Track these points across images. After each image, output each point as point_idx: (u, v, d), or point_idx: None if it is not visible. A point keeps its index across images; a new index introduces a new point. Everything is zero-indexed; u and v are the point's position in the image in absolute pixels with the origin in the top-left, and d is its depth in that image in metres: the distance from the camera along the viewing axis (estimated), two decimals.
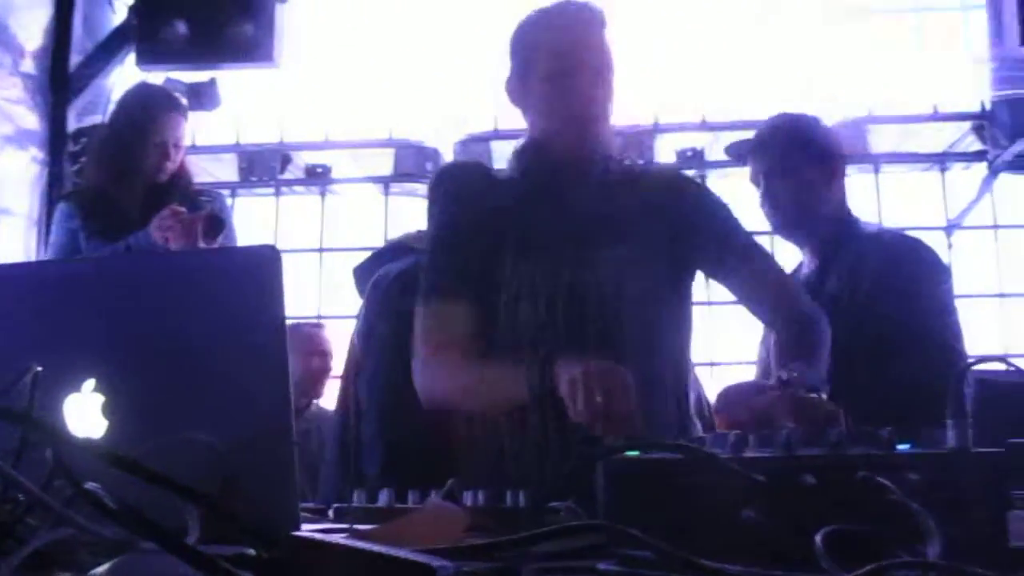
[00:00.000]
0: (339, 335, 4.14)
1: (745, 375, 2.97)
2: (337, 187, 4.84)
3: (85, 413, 0.97)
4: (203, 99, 4.22)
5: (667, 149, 4.47)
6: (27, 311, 1.05)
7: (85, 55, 4.54)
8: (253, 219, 4.77)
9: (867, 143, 4.40)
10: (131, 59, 4.37)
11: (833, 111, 4.14)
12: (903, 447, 0.94)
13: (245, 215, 4.64)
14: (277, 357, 0.96)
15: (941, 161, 4.58)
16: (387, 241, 3.26)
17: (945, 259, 2.81)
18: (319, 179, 4.76)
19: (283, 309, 0.98)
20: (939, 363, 2.22)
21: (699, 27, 4.59)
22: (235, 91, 4.46)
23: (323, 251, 4.80)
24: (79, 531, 0.81)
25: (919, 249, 2.53)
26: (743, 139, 2.75)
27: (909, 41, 4.57)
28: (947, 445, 0.95)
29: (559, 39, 1.99)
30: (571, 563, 0.90)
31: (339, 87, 4.78)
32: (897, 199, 4.58)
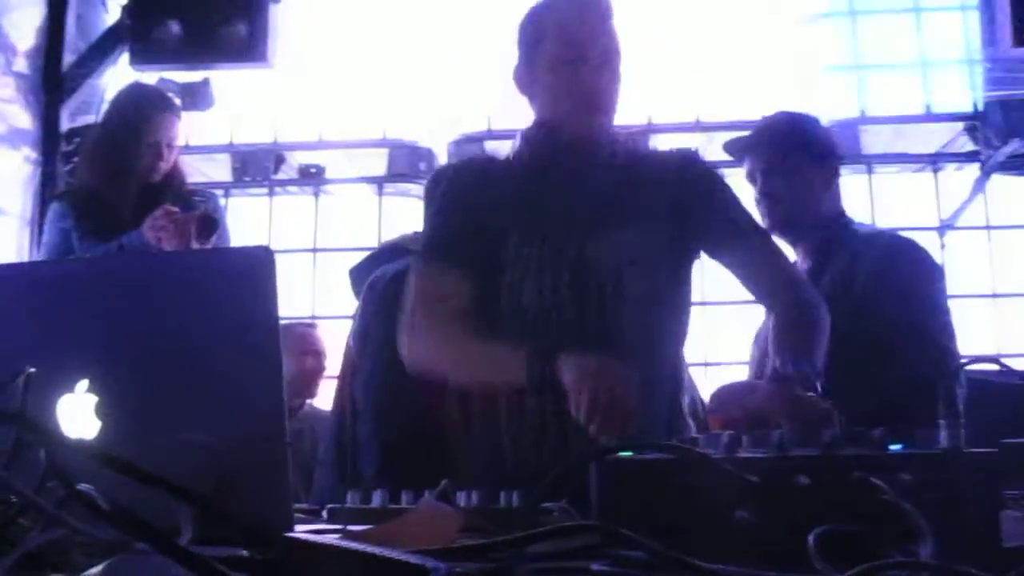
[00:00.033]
0: (333, 335, 4.14)
1: (739, 375, 2.98)
2: (331, 187, 4.84)
3: (78, 414, 0.97)
4: (197, 99, 4.21)
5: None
6: (20, 312, 1.04)
7: (78, 55, 4.54)
8: (247, 219, 4.77)
9: (860, 143, 4.41)
10: (124, 59, 4.36)
11: (826, 111, 4.15)
12: (896, 447, 0.94)
13: (239, 215, 4.64)
14: (271, 358, 0.96)
15: (934, 162, 4.59)
16: (383, 242, 3.25)
17: (938, 259, 2.82)
18: (313, 179, 4.75)
19: (277, 309, 0.98)
20: (933, 364, 2.23)
21: (693, 27, 4.60)
22: (229, 91, 4.45)
23: (317, 251, 4.80)
24: (72, 532, 0.81)
25: (913, 250, 2.54)
26: (741, 136, 2.75)
27: (904, 41, 4.57)
28: (940, 445, 0.95)
29: (566, 27, 1.99)
30: (565, 564, 0.90)
31: (333, 87, 4.78)
32: (890, 200, 4.59)
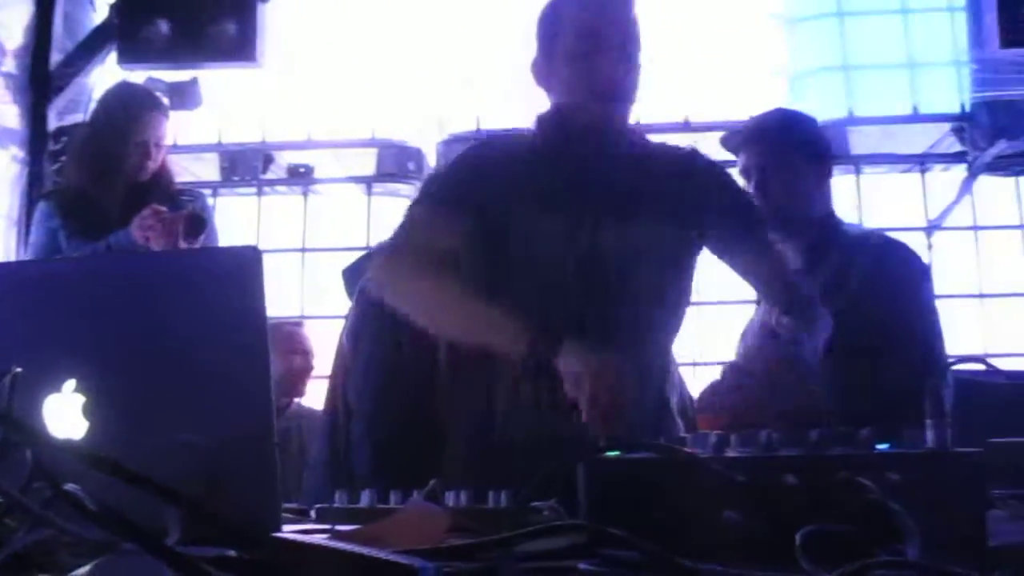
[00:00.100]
0: (321, 335, 4.13)
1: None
2: (319, 187, 4.83)
3: (65, 414, 0.97)
4: (185, 98, 4.20)
5: None
6: (7, 311, 1.04)
7: (66, 54, 4.52)
8: (235, 219, 4.76)
9: (848, 144, 4.43)
10: (112, 58, 4.34)
11: (814, 111, 4.16)
12: (883, 447, 0.94)
13: (227, 215, 4.62)
14: (259, 358, 0.96)
15: (921, 162, 4.61)
16: (376, 243, 3.25)
17: (925, 260, 2.83)
18: (301, 179, 4.74)
19: (265, 309, 0.98)
20: (921, 365, 2.24)
21: (681, 27, 4.60)
22: (217, 90, 4.44)
23: (305, 251, 4.79)
24: (59, 533, 0.81)
25: (903, 252, 2.55)
26: (737, 131, 2.75)
27: (892, 42, 4.59)
28: (927, 445, 0.95)
29: (584, 18, 1.97)
30: (553, 563, 0.90)
31: (321, 87, 4.77)
32: (878, 200, 4.61)
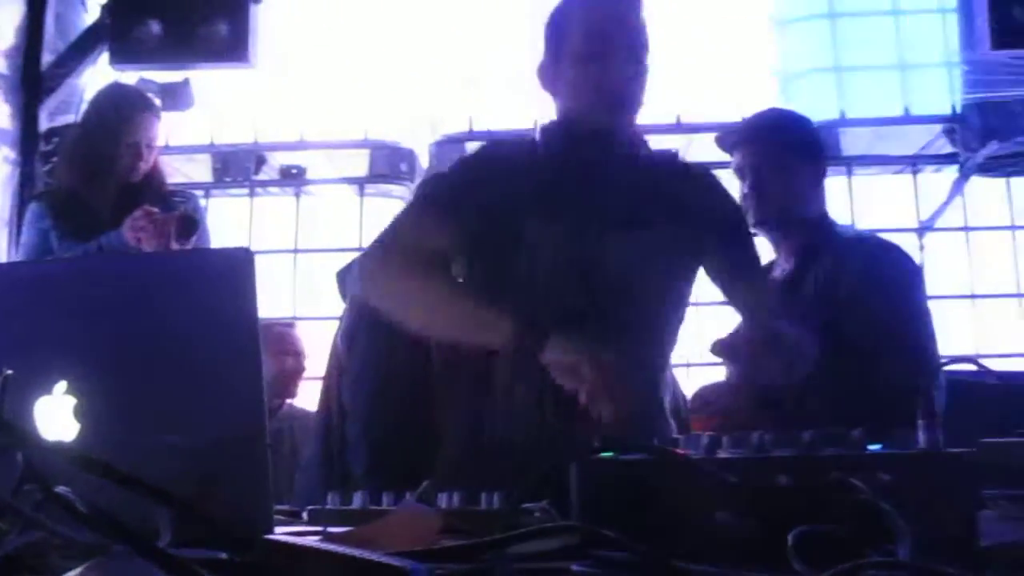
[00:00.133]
0: (313, 336, 4.12)
1: (721, 376, 2.98)
2: (312, 188, 4.82)
3: (56, 416, 0.96)
4: (176, 99, 4.19)
5: None
6: None
7: (57, 54, 4.51)
8: (227, 220, 4.74)
9: (839, 145, 4.43)
10: (104, 59, 4.33)
11: (806, 113, 4.16)
12: (875, 448, 0.95)
13: (219, 216, 4.61)
14: (251, 359, 0.96)
15: (913, 163, 4.62)
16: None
17: (917, 260, 2.83)
18: (294, 180, 4.73)
19: (256, 311, 0.98)
20: (915, 368, 2.24)
21: (673, 28, 4.60)
22: (209, 91, 4.43)
23: (297, 252, 4.78)
24: (50, 535, 0.81)
25: (897, 255, 2.55)
26: (733, 130, 2.75)
27: (884, 43, 4.59)
28: (918, 446, 0.95)
29: (591, 22, 1.96)
30: (545, 565, 0.90)
31: (314, 87, 4.76)
32: (869, 201, 4.61)
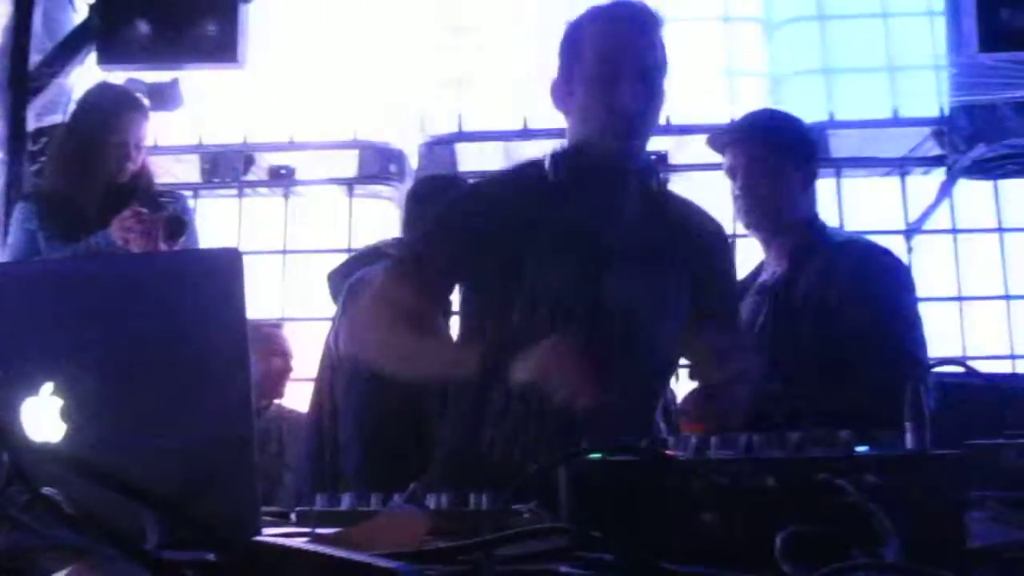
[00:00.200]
0: (302, 337, 4.12)
1: None
2: (301, 188, 4.81)
3: (43, 417, 0.96)
4: (165, 99, 4.18)
5: None
6: None
7: (45, 54, 4.49)
8: (216, 220, 4.73)
9: (828, 147, 4.45)
10: (92, 58, 4.32)
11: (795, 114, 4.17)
12: (862, 449, 0.95)
13: (208, 216, 4.60)
14: (238, 360, 0.95)
15: (901, 165, 4.64)
16: (362, 246, 3.25)
17: (904, 263, 2.84)
18: (283, 180, 4.73)
19: (245, 312, 0.97)
20: (905, 372, 2.24)
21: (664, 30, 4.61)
22: (198, 91, 4.42)
23: (286, 253, 4.78)
24: (36, 537, 0.80)
25: (888, 260, 2.54)
26: (725, 130, 2.74)
27: (872, 46, 4.61)
28: (906, 447, 0.96)
29: (604, 44, 1.92)
30: (534, 566, 0.90)
31: (303, 88, 4.75)
32: (857, 203, 4.63)
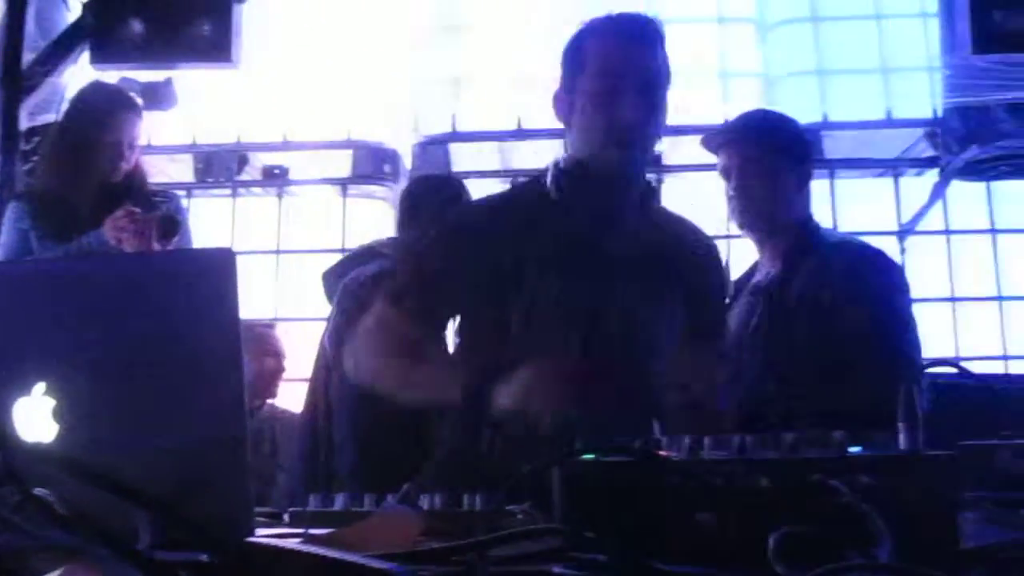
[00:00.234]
0: (295, 337, 4.12)
1: None
2: (295, 188, 4.81)
3: (35, 417, 0.96)
4: (159, 99, 4.17)
5: None
6: None
7: (38, 53, 4.48)
8: (209, 220, 4.73)
9: (822, 148, 4.45)
10: (85, 57, 4.31)
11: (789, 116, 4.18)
12: (855, 450, 0.95)
13: (201, 216, 4.60)
14: (232, 360, 0.95)
15: (894, 166, 4.65)
16: (357, 246, 3.25)
17: (898, 263, 2.84)
18: (276, 180, 4.73)
19: (238, 312, 0.97)
20: (899, 374, 2.24)
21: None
22: (192, 91, 4.41)
23: (280, 253, 4.77)
24: (27, 538, 0.80)
25: (883, 261, 2.54)
26: (720, 130, 2.74)
27: (866, 47, 4.62)
28: (899, 448, 0.96)
29: (607, 57, 1.91)
30: (527, 567, 0.90)
31: (297, 88, 4.75)
32: (851, 204, 4.64)
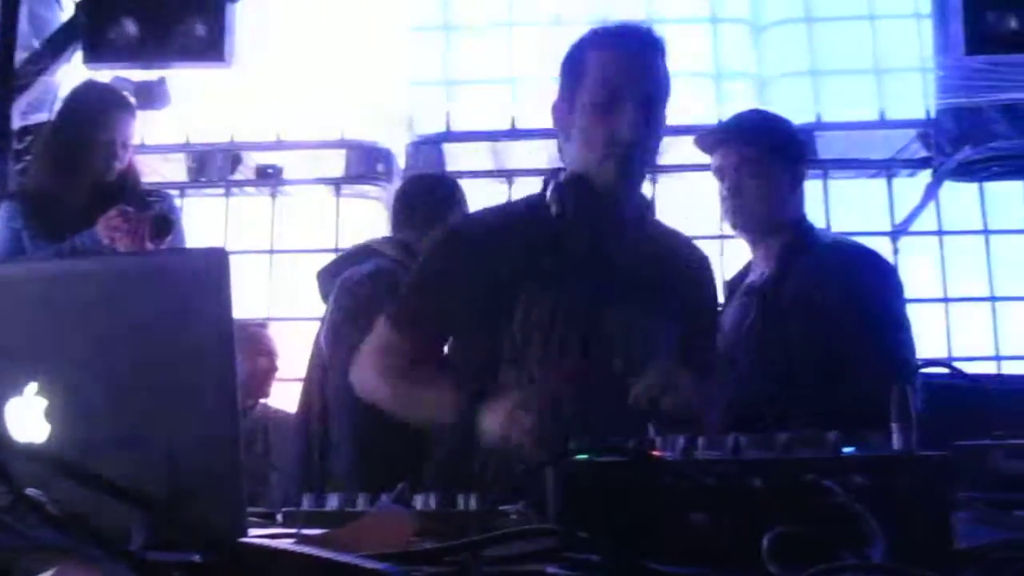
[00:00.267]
0: (288, 337, 4.12)
1: None
2: (288, 188, 4.81)
3: (27, 417, 0.95)
4: (152, 98, 4.17)
5: None
6: None
7: (31, 52, 4.47)
8: (202, 220, 4.72)
9: (815, 149, 4.46)
10: (78, 56, 4.30)
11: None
12: (849, 450, 0.95)
13: (194, 216, 4.59)
14: (224, 361, 0.95)
15: (887, 167, 4.66)
16: (352, 245, 3.25)
17: (892, 264, 2.84)
18: (270, 180, 4.72)
19: (231, 312, 0.97)
20: (892, 375, 2.24)
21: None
22: (185, 90, 4.41)
23: (273, 252, 4.77)
24: (19, 538, 0.80)
25: (877, 261, 2.54)
26: (714, 129, 2.74)
27: (860, 48, 4.63)
28: (892, 448, 0.96)
29: (606, 69, 1.90)
30: (521, 567, 0.90)
31: (291, 87, 4.75)
32: (844, 205, 4.65)
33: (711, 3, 4.70)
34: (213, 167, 4.66)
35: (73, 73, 4.41)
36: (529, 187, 4.48)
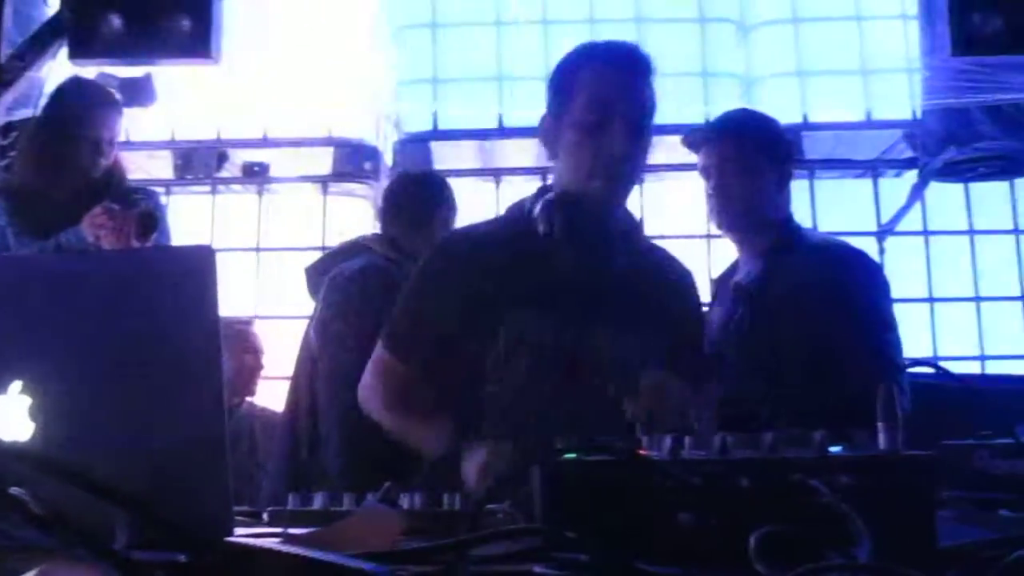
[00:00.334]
0: (274, 335, 4.11)
1: None
2: (275, 186, 4.79)
3: (11, 416, 0.95)
4: (138, 94, 4.15)
5: None
6: None
7: (15, 47, 4.44)
8: (188, 217, 4.70)
9: (802, 149, 4.47)
10: (64, 52, 4.27)
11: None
12: (835, 450, 0.95)
13: (180, 213, 4.57)
14: (210, 359, 0.95)
15: (874, 167, 4.67)
16: (343, 241, 3.24)
17: (878, 264, 2.85)
18: (256, 177, 4.70)
19: (217, 310, 0.97)
20: (879, 375, 2.24)
21: (636, 30, 4.62)
22: (171, 86, 4.39)
23: (260, 250, 4.75)
24: (3, 538, 0.79)
25: (864, 261, 2.55)
26: (700, 128, 2.74)
27: (846, 48, 4.63)
28: (878, 448, 0.96)
29: (595, 87, 1.92)
30: (508, 567, 0.90)
31: (278, 84, 4.72)
32: (830, 205, 4.66)
33: (698, 3, 4.70)
34: (199, 164, 4.63)
35: (58, 69, 4.38)
36: (517, 185, 4.49)
